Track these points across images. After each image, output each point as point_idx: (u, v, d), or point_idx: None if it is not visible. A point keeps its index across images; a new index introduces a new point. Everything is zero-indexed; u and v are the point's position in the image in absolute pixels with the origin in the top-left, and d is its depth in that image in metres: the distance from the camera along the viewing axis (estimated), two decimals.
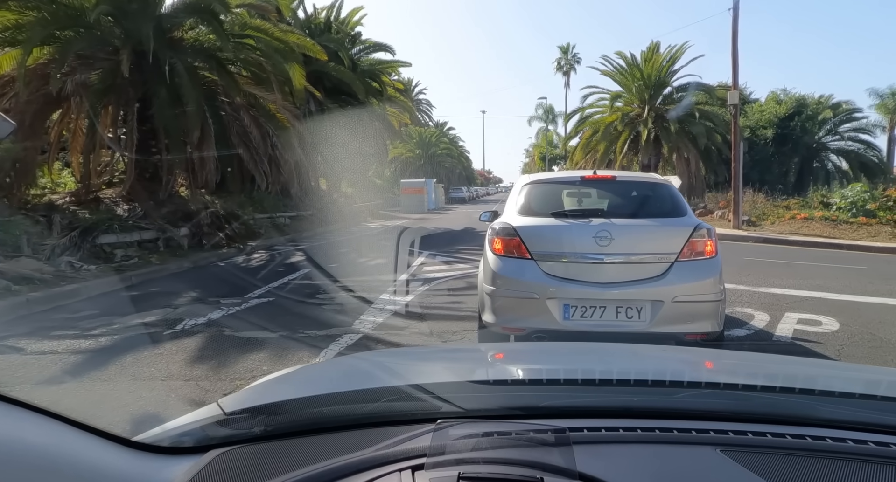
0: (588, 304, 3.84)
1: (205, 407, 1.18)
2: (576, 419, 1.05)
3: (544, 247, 4.03)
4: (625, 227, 4.04)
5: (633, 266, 3.92)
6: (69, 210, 10.55)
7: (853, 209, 14.86)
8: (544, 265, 3.98)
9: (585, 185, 4.76)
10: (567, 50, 55.09)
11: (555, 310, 3.85)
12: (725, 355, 2.48)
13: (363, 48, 20.63)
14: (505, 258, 4.10)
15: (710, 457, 0.93)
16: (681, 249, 3.92)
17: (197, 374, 4.08)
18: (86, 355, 4.60)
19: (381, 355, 2.53)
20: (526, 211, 4.37)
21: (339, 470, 0.89)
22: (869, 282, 7.67)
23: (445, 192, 46.84)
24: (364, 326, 5.53)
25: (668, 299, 3.79)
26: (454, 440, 0.93)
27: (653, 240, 4.06)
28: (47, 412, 0.90)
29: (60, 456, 0.86)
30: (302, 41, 12.97)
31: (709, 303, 3.89)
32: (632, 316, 3.82)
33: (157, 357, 4.50)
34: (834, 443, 0.95)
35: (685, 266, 3.91)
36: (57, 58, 10.20)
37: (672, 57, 24.32)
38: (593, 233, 3.95)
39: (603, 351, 2.02)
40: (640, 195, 4.54)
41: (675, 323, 3.83)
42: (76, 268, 7.99)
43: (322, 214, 18.11)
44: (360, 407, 1.14)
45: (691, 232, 3.96)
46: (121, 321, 5.76)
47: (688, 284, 3.87)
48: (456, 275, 8.70)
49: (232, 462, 0.96)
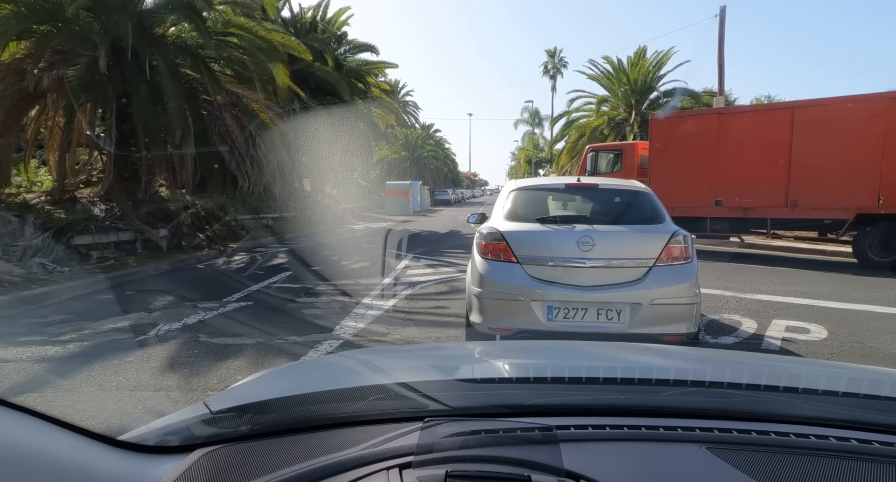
0: (570, 306, 3.98)
1: (191, 405, 1.17)
2: (563, 417, 1.05)
3: (529, 251, 4.16)
4: (606, 233, 4.18)
5: (613, 270, 4.07)
6: (44, 210, 10.24)
7: None
8: (529, 268, 4.10)
9: (570, 192, 4.96)
10: (554, 54, 55.26)
11: (539, 311, 3.98)
12: (712, 354, 2.47)
13: (349, 48, 20.43)
14: (492, 261, 4.23)
15: (695, 454, 0.93)
16: (659, 255, 4.07)
17: (167, 384, 3.90)
18: (51, 363, 4.39)
19: (368, 353, 2.50)
20: (512, 216, 4.53)
21: (327, 468, 0.88)
22: (854, 288, 7.67)
23: (431, 194, 46.73)
24: (345, 332, 5.38)
25: (646, 302, 3.94)
26: (442, 438, 0.93)
27: (632, 245, 4.19)
28: (29, 410, 0.89)
29: (43, 455, 0.84)
30: (286, 40, 12.77)
31: (685, 306, 4.04)
32: (612, 317, 3.96)
33: (126, 365, 4.30)
34: (817, 441, 0.96)
35: (663, 271, 4.06)
36: (33, 52, 9.90)
37: (658, 62, 24.48)
38: (576, 238, 4.09)
39: (590, 349, 2.02)
40: (621, 202, 4.67)
41: (653, 324, 3.98)
42: (48, 271, 7.73)
43: (306, 216, 17.88)
44: (348, 405, 1.13)
45: (669, 238, 4.11)
46: (91, 326, 5.54)
47: (665, 288, 4.00)
48: (440, 279, 8.57)
49: (218, 461, 0.95)
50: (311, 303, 6.90)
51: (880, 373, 1.61)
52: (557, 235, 4.19)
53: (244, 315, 6.13)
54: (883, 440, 0.96)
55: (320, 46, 17.13)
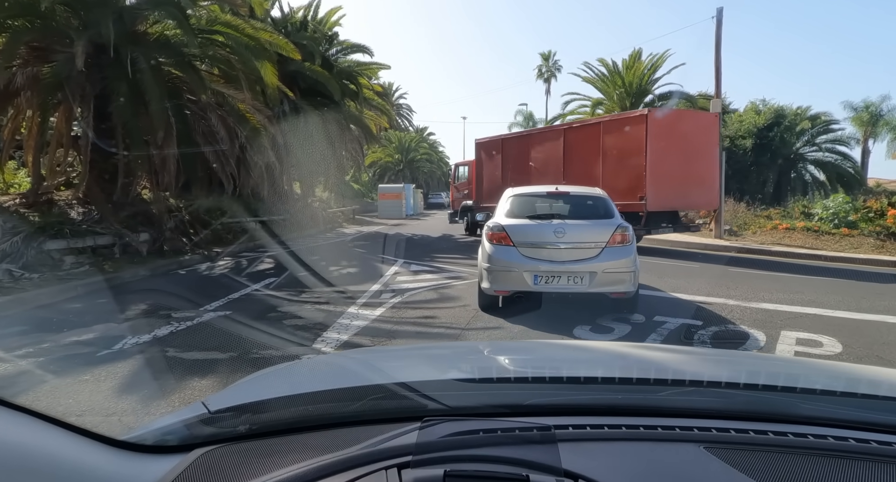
0: (549, 275, 5.78)
1: (189, 405, 1.16)
2: (561, 417, 1.04)
3: (522, 238, 5.98)
4: (573, 224, 6.03)
5: (578, 250, 5.85)
6: (17, 213, 9.80)
7: (835, 220, 14.70)
8: (522, 250, 5.91)
9: (550, 197, 6.74)
10: (548, 57, 55.02)
11: (528, 278, 5.80)
12: (709, 354, 2.48)
13: (341, 49, 20.03)
14: (496, 245, 6.03)
15: (693, 454, 0.93)
16: (608, 239, 5.85)
17: (122, 408, 3.50)
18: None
19: (366, 353, 2.46)
20: (510, 214, 6.40)
21: (325, 468, 0.88)
22: (862, 297, 7.35)
23: (424, 197, 46.42)
24: (327, 346, 5.01)
25: (600, 271, 5.73)
26: (440, 438, 0.94)
27: (591, 233, 5.95)
28: (28, 410, 0.89)
29: (41, 454, 0.84)
30: (274, 38, 12.37)
31: (626, 273, 5.80)
32: (577, 282, 5.74)
33: (80, 384, 3.90)
34: (815, 440, 0.96)
35: (611, 250, 5.83)
36: (5, 48, 9.47)
37: (654, 65, 24.26)
38: (553, 229, 5.94)
39: (588, 349, 2.05)
40: (584, 203, 6.56)
41: (605, 286, 5.76)
42: (15, 278, 7.31)
43: (295, 219, 17.49)
44: (346, 405, 1.13)
45: (615, 228, 5.93)
46: (52, 338, 5.13)
47: (612, 262, 5.79)
48: (431, 286, 8.21)
49: (217, 461, 0.94)
50: (293, 312, 6.52)
51: (878, 373, 1.60)
52: (540, 227, 6.03)
53: (220, 326, 5.74)
54: (881, 439, 0.95)
55: (310, 46, 16.73)
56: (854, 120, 32.25)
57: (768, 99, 28.95)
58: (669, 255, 12.44)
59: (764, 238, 15.26)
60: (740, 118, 26.93)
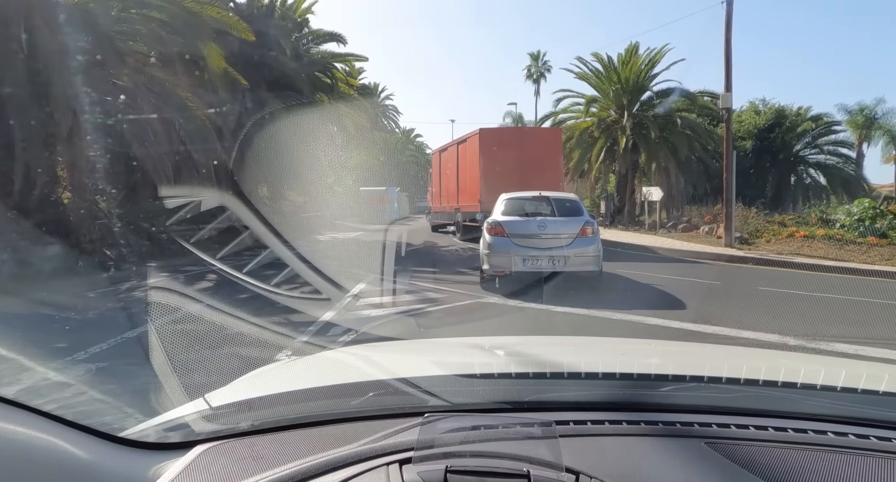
0: (534, 258, 7.72)
1: (191, 402, 1.16)
2: (562, 412, 1.05)
3: (514, 230, 7.96)
4: (553, 220, 8.12)
5: (556, 239, 7.79)
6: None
7: (860, 227, 13.19)
8: (514, 240, 7.87)
9: (536, 200, 8.67)
10: (537, 57, 53.49)
11: (518, 261, 7.74)
12: (711, 349, 2.53)
13: (312, 38, 18.30)
14: (494, 237, 8.00)
15: (694, 449, 0.93)
16: (578, 231, 7.80)
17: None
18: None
19: (367, 349, 2.27)
20: (505, 213, 8.41)
21: (327, 464, 0.87)
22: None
23: (411, 200, 44.83)
24: None
25: (572, 255, 7.66)
26: (442, 433, 0.94)
27: (565, 227, 7.90)
28: (30, 408, 0.89)
29: (45, 451, 0.84)
30: (222, 16, 10.61)
31: (592, 257, 7.74)
32: (555, 263, 7.65)
33: None
34: (815, 436, 0.96)
35: (580, 240, 7.76)
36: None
37: (652, 60, 22.70)
38: (537, 224, 8.02)
39: (589, 344, 2.10)
40: (561, 205, 8.48)
41: (576, 266, 7.68)
42: None
43: (260, 226, 15.70)
44: (347, 401, 1.13)
45: (584, 223, 7.92)
46: None
47: (581, 248, 7.72)
48: (400, 312, 6.51)
49: (218, 457, 0.94)
50: (207, 358, 4.64)
51: (879, 369, 1.62)
52: (528, 222, 8.06)
53: (85, 384, 4.01)
54: (880, 435, 0.96)
55: (276, 33, 15.00)
56: (849, 123, 31.06)
57: (769, 99, 27.68)
58: (679, 267, 10.87)
59: (780, 247, 13.71)
60: (739, 118, 25.58)
